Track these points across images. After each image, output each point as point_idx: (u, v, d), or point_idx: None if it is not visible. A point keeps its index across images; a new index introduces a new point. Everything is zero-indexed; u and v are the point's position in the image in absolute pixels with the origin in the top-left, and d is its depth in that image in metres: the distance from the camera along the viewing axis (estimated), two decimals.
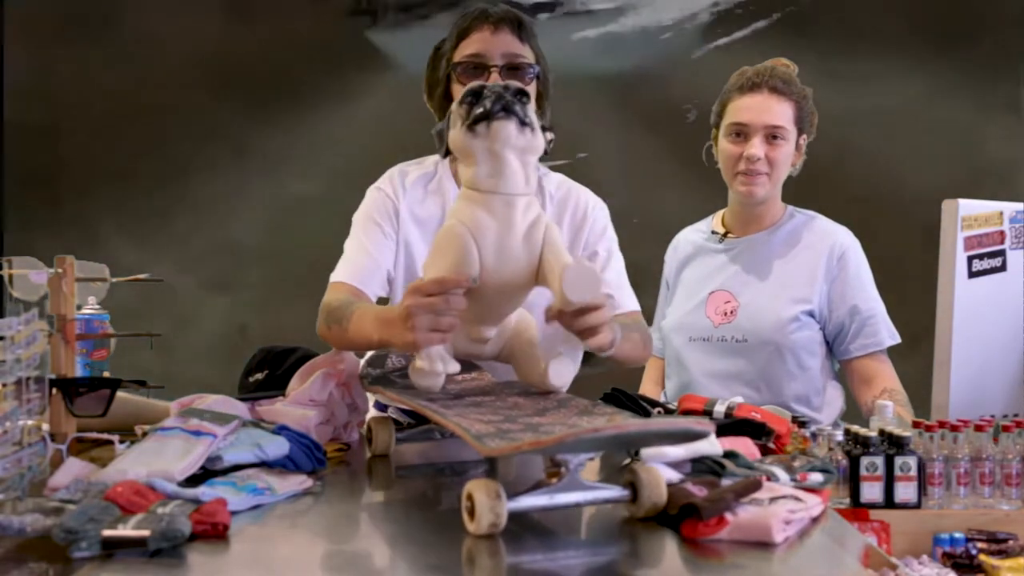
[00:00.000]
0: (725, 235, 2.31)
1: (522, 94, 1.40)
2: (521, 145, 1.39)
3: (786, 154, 2.21)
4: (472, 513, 1.17)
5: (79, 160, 3.84)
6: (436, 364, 1.39)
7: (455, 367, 1.40)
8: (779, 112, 2.19)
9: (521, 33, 1.92)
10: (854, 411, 2.24)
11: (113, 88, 3.84)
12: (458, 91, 1.89)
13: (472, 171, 1.40)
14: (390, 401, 1.64)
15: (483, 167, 1.39)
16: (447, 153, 1.46)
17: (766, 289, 2.21)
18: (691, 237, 2.39)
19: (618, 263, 2.00)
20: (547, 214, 1.58)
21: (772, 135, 2.19)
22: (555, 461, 1.27)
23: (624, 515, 1.28)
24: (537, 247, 1.40)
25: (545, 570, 1.15)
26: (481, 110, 1.37)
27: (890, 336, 2.20)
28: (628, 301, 1.98)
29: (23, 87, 3.85)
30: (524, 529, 1.23)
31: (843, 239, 2.24)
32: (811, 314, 2.19)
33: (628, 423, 1.24)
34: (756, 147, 2.18)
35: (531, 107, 1.41)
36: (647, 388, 2.40)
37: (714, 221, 2.36)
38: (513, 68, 1.89)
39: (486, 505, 1.15)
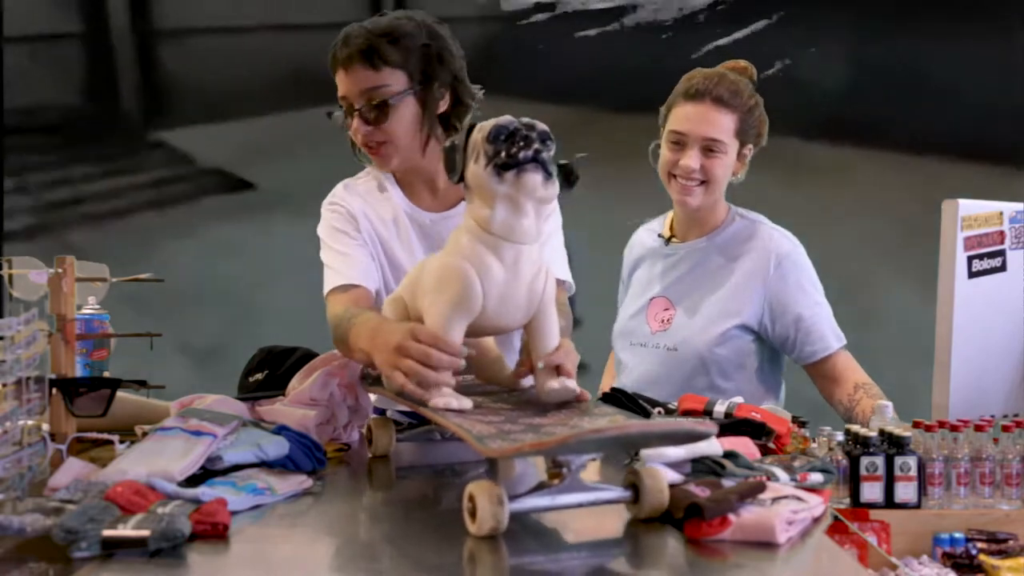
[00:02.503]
0: (670, 239, 2.30)
1: (548, 138, 1.37)
2: (542, 197, 1.37)
3: (723, 166, 2.17)
4: (473, 514, 1.17)
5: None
6: (451, 403, 1.37)
7: (468, 404, 1.38)
8: (719, 124, 2.15)
9: (374, 61, 1.82)
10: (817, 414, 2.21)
11: None
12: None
13: (487, 212, 1.37)
14: (390, 401, 1.64)
15: (500, 212, 1.36)
16: (461, 179, 1.42)
17: (701, 300, 2.21)
18: (644, 238, 2.39)
19: (557, 240, 1.93)
20: None
21: (710, 148, 2.15)
22: (556, 462, 1.26)
23: (627, 516, 1.28)
24: (538, 296, 1.41)
25: (547, 571, 1.15)
26: (512, 157, 1.34)
27: (836, 339, 2.17)
28: (559, 271, 1.87)
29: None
30: (525, 530, 1.22)
31: (781, 246, 2.20)
32: (744, 327, 2.17)
33: (630, 424, 1.24)
34: (692, 158, 2.15)
35: (553, 151, 1.38)
36: (606, 383, 2.40)
37: (665, 222, 2.35)
38: (372, 105, 1.83)
39: (488, 507, 1.15)
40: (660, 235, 2.33)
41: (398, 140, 1.87)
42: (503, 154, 1.35)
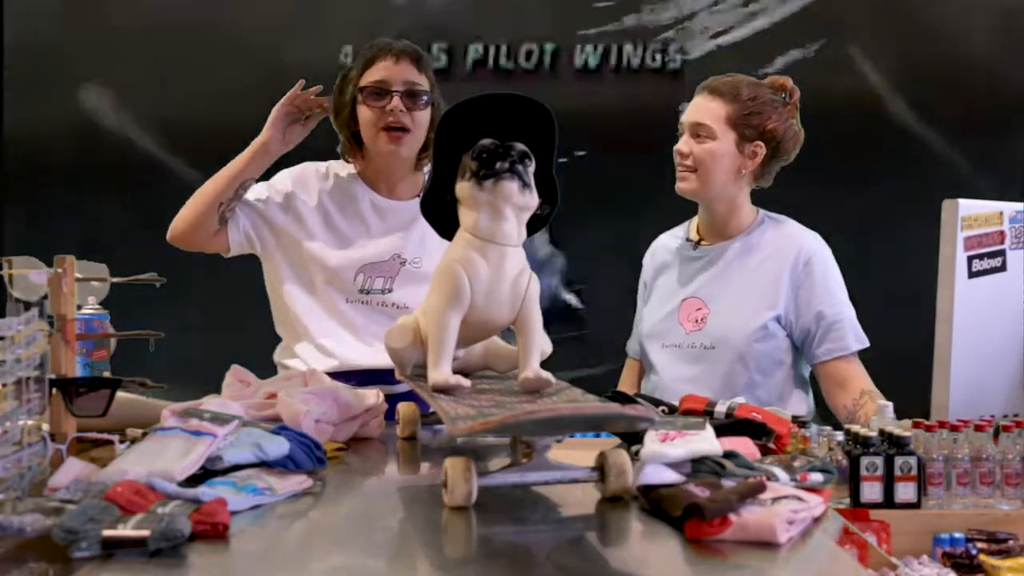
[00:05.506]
0: (699, 242, 2.34)
1: (527, 156, 1.54)
2: (520, 204, 1.54)
3: (711, 152, 2.22)
4: (447, 486, 1.31)
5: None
6: (449, 381, 1.51)
7: (466, 383, 1.52)
8: (706, 111, 2.23)
9: (419, 65, 2.21)
10: (826, 418, 2.23)
11: None
12: (363, 112, 2.20)
13: (473, 219, 1.54)
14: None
15: (484, 218, 1.53)
16: (453, 199, 1.58)
17: (734, 297, 2.24)
18: (668, 243, 2.42)
19: None
20: None
21: (697, 133, 2.24)
22: (526, 442, 1.38)
23: (634, 510, 1.32)
24: (521, 293, 1.56)
25: (514, 543, 1.21)
26: (491, 168, 1.52)
27: (857, 341, 2.20)
28: None
29: None
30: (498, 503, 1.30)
31: (809, 244, 2.25)
32: (778, 320, 2.21)
33: (561, 407, 1.36)
34: (682, 142, 2.26)
35: (531, 168, 1.55)
36: (623, 390, 2.40)
37: (690, 227, 2.39)
38: (411, 94, 2.18)
39: (459, 480, 1.30)
40: (688, 239, 2.36)
41: (419, 132, 2.20)
42: (483, 166, 1.53)
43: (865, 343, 2.20)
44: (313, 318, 2.23)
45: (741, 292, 2.24)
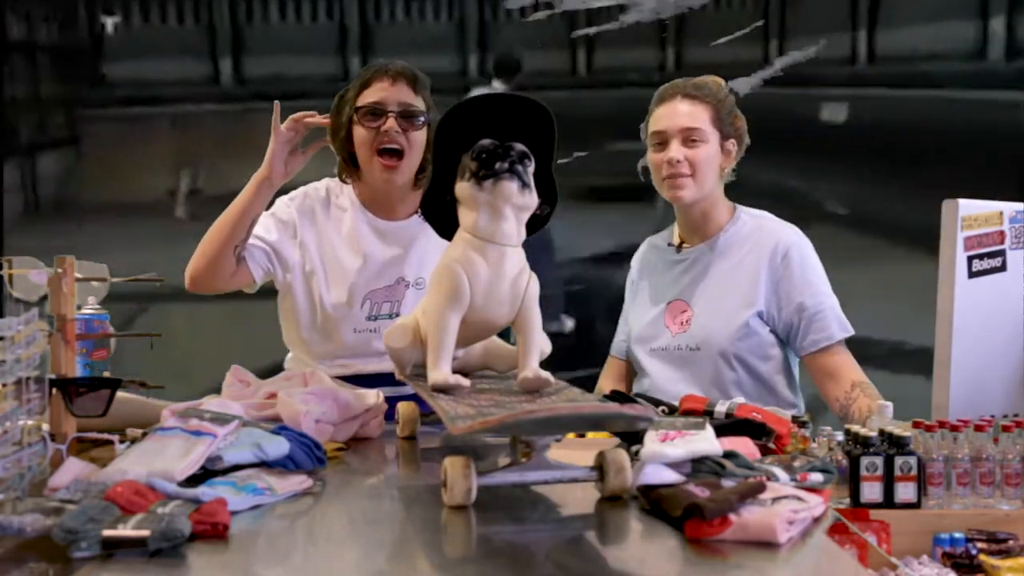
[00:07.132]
0: (680, 246, 2.35)
1: (526, 156, 1.54)
2: (519, 204, 1.54)
3: (707, 155, 2.23)
4: (446, 485, 1.32)
5: None
6: (448, 380, 1.51)
7: (465, 383, 1.53)
8: (693, 114, 2.23)
9: (415, 86, 2.21)
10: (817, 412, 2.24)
11: None
12: (358, 132, 2.21)
13: (473, 219, 1.54)
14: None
15: (483, 218, 1.53)
16: (453, 198, 1.58)
17: (716, 297, 2.25)
18: (654, 246, 2.44)
19: None
20: None
21: (689, 138, 2.22)
22: (525, 442, 1.38)
23: (634, 510, 1.33)
24: (520, 293, 1.56)
25: (514, 542, 1.22)
26: (490, 168, 1.52)
27: (841, 329, 2.20)
28: None
29: None
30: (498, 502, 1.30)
31: (786, 237, 2.25)
32: (760, 316, 2.21)
33: (560, 406, 1.35)
34: (675, 150, 2.21)
35: (531, 168, 1.54)
36: (604, 386, 2.41)
37: (674, 232, 2.40)
38: (406, 115, 2.18)
39: (459, 479, 1.31)
40: (670, 243, 2.37)
41: (414, 153, 2.20)
42: (483, 166, 1.53)
43: (850, 331, 2.20)
44: (323, 352, 2.24)
45: (721, 292, 2.24)
